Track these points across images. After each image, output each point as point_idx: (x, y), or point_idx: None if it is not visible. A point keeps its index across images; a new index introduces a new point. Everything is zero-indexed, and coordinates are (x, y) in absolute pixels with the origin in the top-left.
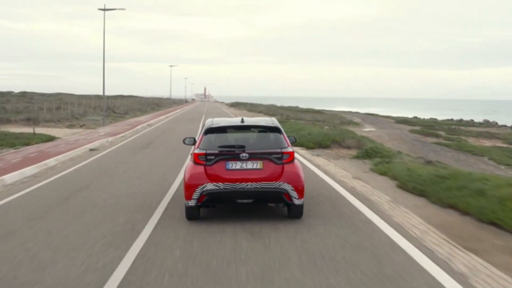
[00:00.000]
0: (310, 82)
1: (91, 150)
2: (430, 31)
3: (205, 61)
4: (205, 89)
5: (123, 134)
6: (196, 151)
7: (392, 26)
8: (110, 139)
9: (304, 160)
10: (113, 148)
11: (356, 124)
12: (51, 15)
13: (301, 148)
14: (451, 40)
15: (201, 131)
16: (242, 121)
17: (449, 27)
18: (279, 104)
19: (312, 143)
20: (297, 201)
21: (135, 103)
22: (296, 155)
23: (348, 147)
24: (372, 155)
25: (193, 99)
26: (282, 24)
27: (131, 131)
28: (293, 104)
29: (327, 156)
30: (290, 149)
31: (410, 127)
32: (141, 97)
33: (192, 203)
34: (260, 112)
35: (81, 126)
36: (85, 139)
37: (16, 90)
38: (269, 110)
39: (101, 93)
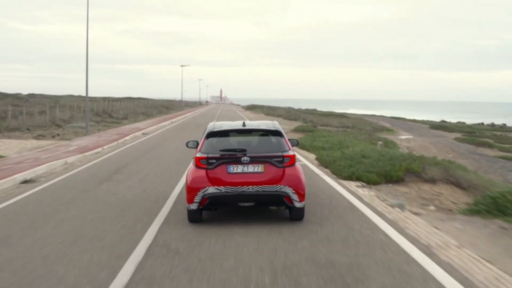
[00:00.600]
0: (324, 85)
1: (22, 183)
2: (444, 34)
3: (221, 64)
4: (221, 91)
5: (98, 150)
6: (198, 155)
7: (406, 29)
8: (72, 159)
9: (381, 221)
10: (62, 177)
11: (389, 130)
12: (64, 17)
13: (357, 182)
14: (465, 42)
15: (203, 135)
16: (244, 124)
17: (462, 29)
18: (295, 107)
19: (375, 174)
20: (298, 204)
21: (142, 106)
22: (360, 205)
23: (432, 181)
24: (507, 209)
25: (206, 102)
26: (295, 26)
27: (115, 143)
28: (308, 107)
29: (409, 201)
30: (291, 153)
31: (449, 134)
32: (152, 100)
33: (194, 206)
34: (279, 116)
35: (53, 137)
36: (37, 159)
37: (30, 92)
38: (289, 114)
39: (116, 95)
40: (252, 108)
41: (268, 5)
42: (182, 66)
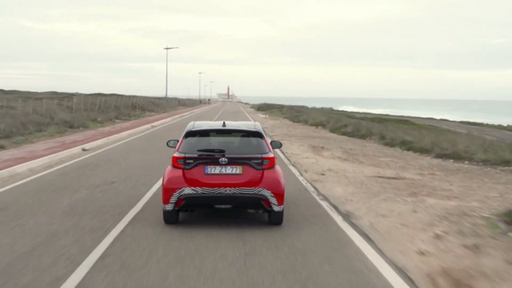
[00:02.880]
0: (333, 83)
1: None
2: (453, 32)
3: (229, 62)
4: (228, 89)
5: None
6: (175, 155)
7: (416, 27)
8: None
9: None
10: None
11: None
12: (75, 16)
13: None
14: (474, 41)
15: (183, 134)
16: (224, 124)
17: (471, 28)
18: (308, 106)
19: None
20: (276, 208)
21: (90, 105)
22: None
23: None
24: None
25: (208, 100)
26: (305, 25)
27: None
28: (321, 105)
29: None
30: (271, 155)
31: None
32: (146, 97)
33: (169, 207)
34: (318, 124)
35: None
36: None
37: (40, 90)
38: (336, 121)
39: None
40: (265, 108)
41: (277, 4)
42: (166, 48)
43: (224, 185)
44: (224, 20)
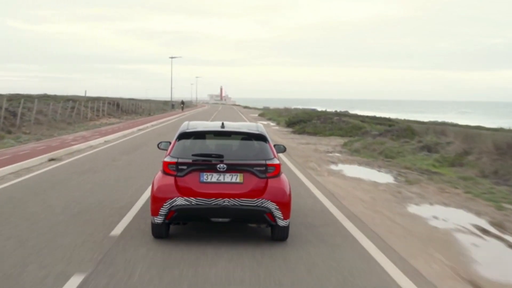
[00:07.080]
0: (330, 84)
1: None
2: (451, 32)
3: (223, 63)
4: (221, 89)
5: None
6: (166, 159)
7: (415, 27)
8: None
9: None
10: None
11: None
12: (69, 16)
13: None
14: (472, 41)
15: (175, 136)
16: (223, 126)
17: (469, 27)
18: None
19: None
20: (281, 222)
21: None
22: None
23: None
24: None
25: (182, 102)
26: (301, 25)
27: None
28: (325, 108)
29: None
30: (276, 161)
31: None
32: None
33: (159, 219)
34: None
35: None
36: None
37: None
38: None
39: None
40: (312, 128)
41: (273, 4)
42: None
43: (222, 195)
44: (218, 20)
